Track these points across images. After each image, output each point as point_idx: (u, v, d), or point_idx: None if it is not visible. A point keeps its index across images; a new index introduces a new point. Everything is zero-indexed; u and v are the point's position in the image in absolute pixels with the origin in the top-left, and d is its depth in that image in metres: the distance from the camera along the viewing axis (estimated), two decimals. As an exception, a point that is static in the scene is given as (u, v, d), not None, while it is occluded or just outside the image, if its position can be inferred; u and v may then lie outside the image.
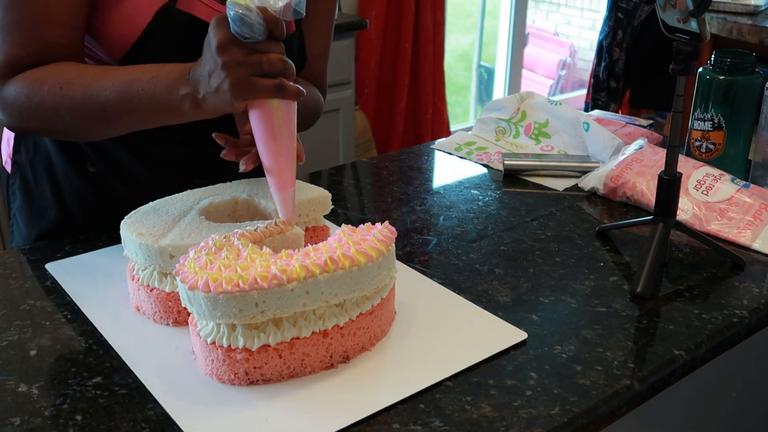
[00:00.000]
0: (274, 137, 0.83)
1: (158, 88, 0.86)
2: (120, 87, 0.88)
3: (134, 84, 0.88)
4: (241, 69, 0.80)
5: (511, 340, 0.83)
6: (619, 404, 0.76)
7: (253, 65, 0.80)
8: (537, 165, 1.31)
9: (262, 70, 0.80)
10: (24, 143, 1.13)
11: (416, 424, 0.71)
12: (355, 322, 0.79)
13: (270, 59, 0.80)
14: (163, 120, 0.90)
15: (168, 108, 0.87)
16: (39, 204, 1.13)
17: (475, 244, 1.07)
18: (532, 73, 4.87)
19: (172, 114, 0.88)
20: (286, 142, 0.84)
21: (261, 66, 0.80)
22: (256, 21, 0.78)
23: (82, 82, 0.90)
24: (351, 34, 2.73)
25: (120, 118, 0.90)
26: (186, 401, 0.73)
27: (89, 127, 0.94)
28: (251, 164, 0.90)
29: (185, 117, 0.88)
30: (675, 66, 0.93)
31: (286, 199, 0.86)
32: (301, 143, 0.93)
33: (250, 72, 0.80)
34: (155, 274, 0.86)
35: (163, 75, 0.87)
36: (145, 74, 0.88)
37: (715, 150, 1.24)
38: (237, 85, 0.80)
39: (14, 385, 0.76)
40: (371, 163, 1.41)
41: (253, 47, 0.80)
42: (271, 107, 0.82)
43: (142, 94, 0.87)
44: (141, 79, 0.88)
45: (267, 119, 0.83)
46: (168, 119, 0.89)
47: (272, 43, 0.81)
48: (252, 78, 0.80)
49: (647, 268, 0.94)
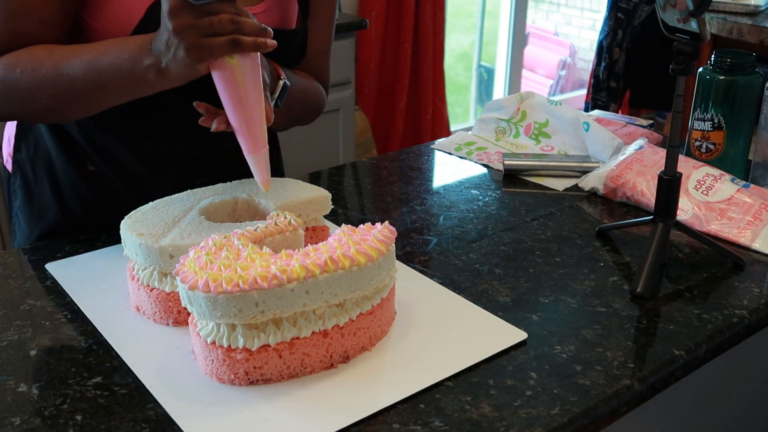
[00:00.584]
0: (239, 98, 0.83)
1: (123, 60, 0.87)
2: (87, 63, 0.89)
3: (100, 59, 0.89)
4: (193, 31, 0.80)
5: (511, 340, 0.83)
6: (619, 404, 0.76)
7: (204, 27, 0.80)
8: (537, 165, 1.31)
9: (214, 31, 0.80)
10: (25, 142, 1.13)
11: (416, 424, 0.71)
12: (355, 322, 0.79)
13: (221, 19, 0.80)
14: (133, 92, 0.91)
15: (135, 79, 0.88)
16: (39, 203, 1.13)
17: (475, 244, 1.07)
18: (532, 73, 4.87)
19: (140, 85, 0.89)
20: (253, 102, 0.84)
21: (213, 27, 0.80)
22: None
23: (52, 61, 0.91)
24: (351, 34, 2.73)
25: (92, 94, 0.91)
26: (186, 401, 0.73)
27: (65, 106, 0.95)
28: (223, 125, 0.89)
29: (153, 87, 0.88)
30: (675, 66, 0.93)
31: (258, 161, 0.86)
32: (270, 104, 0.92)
33: (202, 33, 0.80)
34: (155, 274, 0.86)
35: (126, 47, 0.88)
36: (110, 48, 0.89)
37: (715, 150, 1.24)
38: (191, 48, 0.81)
39: (14, 385, 0.76)
40: (371, 163, 1.41)
41: (204, 9, 0.80)
42: (233, 67, 0.82)
43: (109, 68, 0.88)
44: (107, 53, 0.89)
45: (230, 80, 0.82)
46: (138, 91, 0.90)
47: (224, 4, 0.81)
48: (205, 39, 0.80)
49: (647, 268, 0.94)
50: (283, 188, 0.98)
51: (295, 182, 1.01)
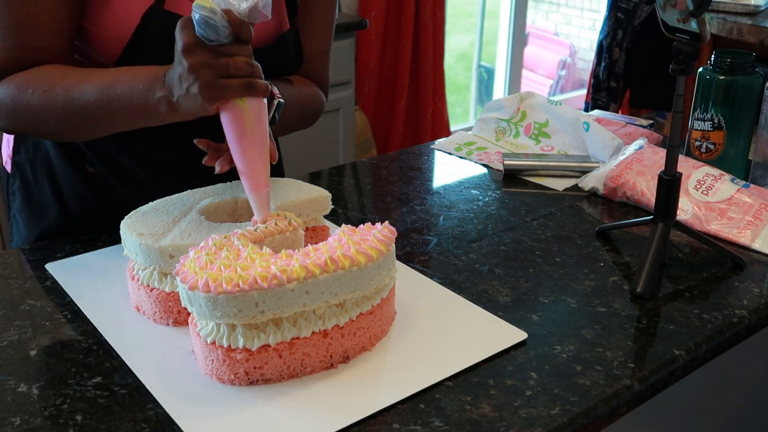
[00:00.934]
0: (246, 138, 0.83)
1: (135, 90, 0.87)
2: (100, 90, 0.90)
3: (113, 87, 0.89)
4: (209, 71, 0.80)
5: (511, 340, 0.83)
6: (619, 404, 0.76)
7: (220, 67, 0.80)
8: (537, 165, 1.31)
9: (229, 72, 0.80)
10: (24, 144, 1.13)
11: (416, 424, 0.71)
12: (355, 322, 0.79)
13: (236, 62, 0.80)
14: (142, 122, 0.91)
15: (145, 110, 0.88)
16: (39, 204, 1.13)
17: (475, 244, 1.07)
18: (532, 73, 4.87)
19: (150, 116, 0.89)
20: (259, 142, 0.84)
21: (228, 68, 0.80)
22: (220, 23, 0.78)
23: (64, 84, 0.91)
24: (351, 34, 2.73)
25: (101, 119, 0.92)
26: (186, 401, 0.73)
27: (74, 129, 0.95)
28: (227, 165, 0.90)
29: (163, 119, 0.89)
30: (675, 66, 0.93)
31: (260, 199, 0.86)
32: (275, 143, 0.93)
33: (217, 74, 0.80)
34: (155, 274, 0.86)
35: (140, 78, 0.88)
36: (123, 77, 0.89)
37: (715, 150, 1.24)
38: (206, 87, 0.80)
39: (14, 385, 0.76)
40: (371, 163, 1.41)
41: (220, 50, 0.80)
42: (242, 109, 0.82)
43: (121, 97, 0.88)
44: (119, 81, 0.89)
45: (238, 121, 0.83)
46: (147, 121, 0.90)
47: (239, 46, 0.81)
48: (220, 80, 0.80)
49: (647, 268, 0.94)
50: (283, 188, 0.98)
51: (295, 182, 1.01)
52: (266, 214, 0.87)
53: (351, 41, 2.73)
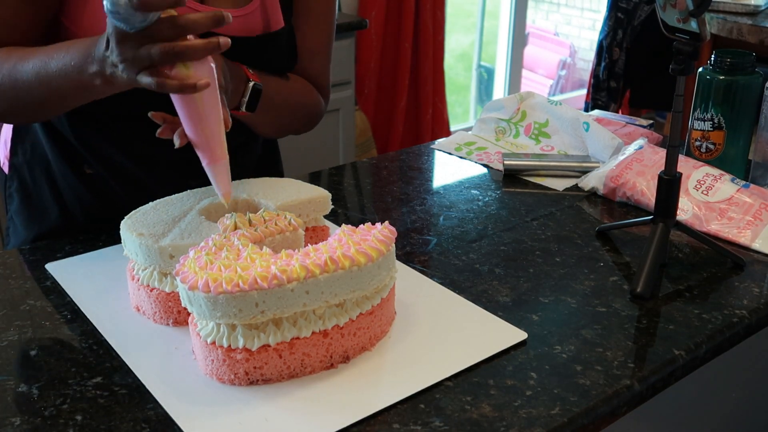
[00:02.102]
0: (194, 107, 0.80)
1: (69, 67, 0.86)
2: (38, 68, 0.89)
3: (48, 64, 0.88)
4: (130, 42, 0.77)
5: (511, 340, 0.83)
6: (619, 404, 0.76)
7: (140, 38, 0.77)
8: (537, 165, 1.31)
9: (153, 40, 0.77)
10: (21, 146, 1.13)
11: (416, 424, 0.71)
12: (355, 322, 0.79)
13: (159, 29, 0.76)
14: (85, 96, 0.89)
15: (83, 86, 0.86)
16: (39, 205, 1.13)
17: (475, 244, 1.07)
18: (532, 73, 4.87)
19: (90, 91, 0.87)
20: (210, 112, 0.81)
21: (152, 37, 0.76)
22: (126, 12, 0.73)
23: (7, 66, 0.91)
24: (351, 34, 2.73)
25: (47, 97, 0.90)
26: (186, 401, 0.73)
27: (24, 109, 0.94)
28: (185, 138, 0.86)
29: (102, 92, 0.87)
30: (675, 66, 0.93)
31: (218, 172, 0.83)
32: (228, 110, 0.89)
33: (140, 44, 0.77)
34: (155, 274, 0.86)
35: (71, 54, 0.86)
36: (57, 53, 0.87)
37: (715, 150, 1.24)
38: (128, 61, 0.78)
39: (14, 385, 0.76)
40: (371, 163, 1.41)
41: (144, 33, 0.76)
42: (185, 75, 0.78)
43: (57, 75, 0.87)
44: (54, 58, 0.87)
45: None
46: (89, 96, 0.89)
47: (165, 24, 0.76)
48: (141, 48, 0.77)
49: (647, 268, 0.94)
50: (283, 188, 0.98)
51: (295, 182, 1.01)
52: (227, 187, 0.84)
53: (351, 41, 2.73)
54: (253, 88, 0.99)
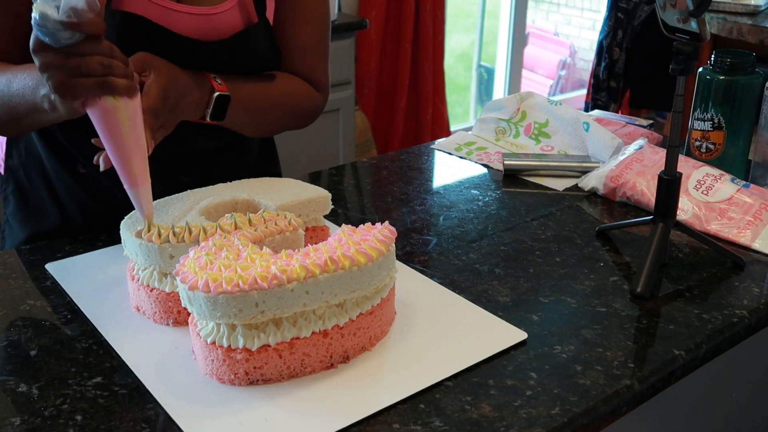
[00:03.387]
0: (118, 134, 0.81)
1: (27, 88, 0.87)
2: (2, 87, 0.89)
3: (12, 83, 0.89)
4: (59, 71, 0.78)
5: (511, 340, 0.83)
6: (619, 404, 0.76)
7: (70, 68, 0.77)
8: (537, 165, 1.31)
9: (80, 72, 0.78)
10: (16, 148, 1.13)
11: (416, 424, 0.71)
12: (355, 322, 0.79)
13: (87, 62, 0.77)
14: (38, 119, 0.90)
15: (36, 108, 0.87)
16: (36, 207, 1.13)
17: (475, 244, 1.07)
18: (532, 73, 4.87)
19: (42, 114, 0.88)
20: (133, 139, 0.82)
21: (79, 68, 0.77)
22: (54, 29, 0.74)
23: None
24: (351, 34, 2.73)
25: (10, 117, 0.91)
26: (186, 401, 0.73)
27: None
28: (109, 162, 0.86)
29: (53, 117, 0.87)
30: (675, 66, 0.93)
31: (139, 195, 0.84)
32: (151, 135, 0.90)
33: (68, 74, 0.78)
34: (155, 274, 0.86)
35: (32, 75, 0.86)
36: (22, 73, 0.88)
37: (715, 150, 1.24)
38: (59, 87, 0.79)
39: (14, 385, 0.76)
40: (371, 163, 1.41)
41: (70, 50, 0.77)
42: (107, 106, 0.79)
43: (17, 95, 0.88)
44: (18, 77, 0.88)
45: (105, 118, 0.80)
46: (41, 119, 0.89)
47: (90, 43, 0.77)
48: (72, 79, 0.78)
49: (647, 268, 0.94)
50: (283, 188, 0.98)
51: (295, 182, 1.01)
52: (148, 209, 0.84)
53: (351, 41, 2.73)
54: (218, 98, 0.99)
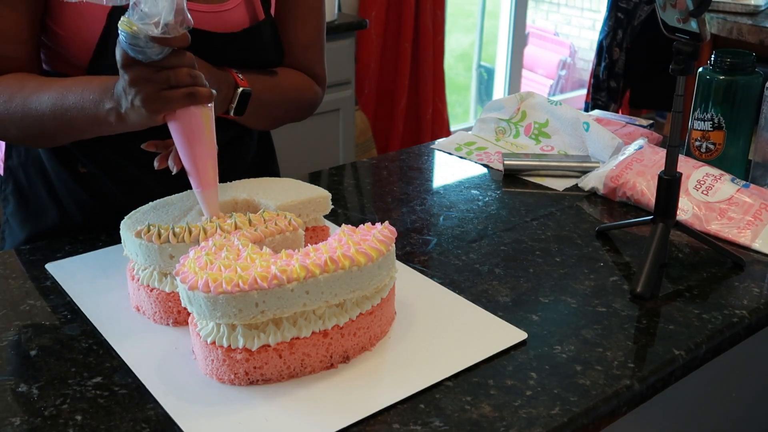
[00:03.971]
0: (194, 142, 0.84)
1: (87, 101, 0.89)
2: (54, 100, 0.91)
3: (66, 97, 0.91)
4: (150, 85, 0.81)
5: (511, 340, 0.83)
6: (619, 404, 0.76)
7: (161, 81, 0.81)
8: (537, 165, 1.31)
9: (170, 84, 0.81)
10: (15, 148, 1.14)
11: (416, 424, 0.71)
12: (355, 322, 0.79)
13: (177, 74, 0.81)
14: (96, 131, 0.92)
15: (96, 120, 0.89)
16: (36, 207, 1.13)
17: (475, 244, 1.07)
18: (532, 73, 4.87)
19: (102, 126, 0.90)
20: (208, 144, 0.85)
21: (169, 81, 0.81)
22: (145, 46, 0.78)
23: (22, 95, 0.93)
24: (351, 34, 2.72)
25: (58, 130, 0.94)
26: (186, 401, 0.73)
27: (34, 137, 0.98)
28: (180, 164, 0.89)
29: (115, 129, 0.90)
30: (675, 66, 0.93)
31: (210, 197, 0.87)
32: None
33: (159, 87, 0.81)
34: (155, 274, 0.86)
35: (91, 88, 0.89)
36: (76, 87, 0.91)
37: (715, 150, 1.24)
38: (149, 101, 0.82)
39: (14, 385, 0.76)
40: (371, 163, 1.41)
41: (158, 64, 0.80)
42: (191, 114, 0.83)
43: (74, 108, 0.90)
44: (72, 92, 0.90)
45: (189, 125, 0.84)
46: (99, 131, 0.92)
47: (177, 56, 0.81)
48: (162, 92, 0.81)
49: (647, 268, 0.94)
50: (283, 188, 0.98)
51: (295, 182, 1.01)
52: (213, 211, 0.88)
53: (351, 41, 2.73)
54: (242, 93, 1.02)
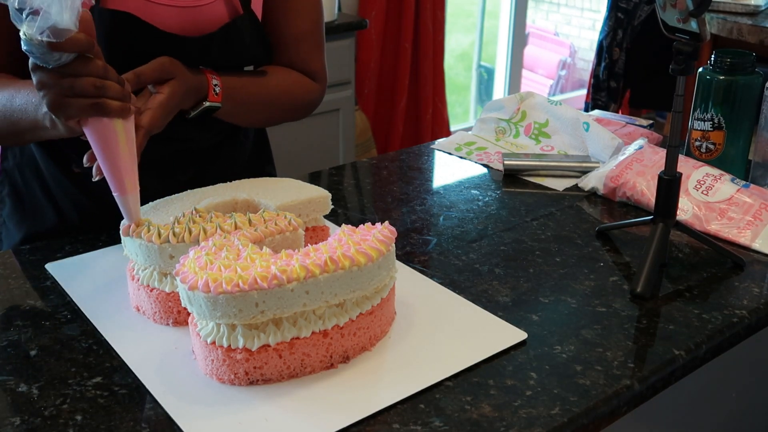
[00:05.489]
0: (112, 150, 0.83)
1: (29, 104, 0.88)
2: (4, 101, 0.91)
3: (14, 99, 0.90)
4: (52, 91, 0.79)
5: (511, 340, 0.83)
6: (619, 404, 0.76)
7: (64, 88, 0.79)
8: (537, 165, 1.31)
9: (73, 92, 0.79)
10: (11, 150, 1.14)
11: (416, 424, 0.71)
12: (355, 322, 0.79)
13: (80, 83, 0.78)
14: (39, 135, 0.91)
15: (36, 124, 0.88)
16: (32, 208, 1.13)
17: (475, 244, 1.07)
18: (532, 73, 4.87)
19: (41, 131, 0.89)
20: (126, 152, 0.84)
21: (72, 88, 0.79)
22: (39, 51, 0.76)
23: None
24: (351, 34, 2.72)
25: (7, 130, 0.93)
26: (186, 401, 0.73)
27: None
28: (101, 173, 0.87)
29: (53, 134, 0.88)
30: (675, 66, 0.93)
31: (128, 202, 0.85)
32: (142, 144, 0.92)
33: (61, 93, 0.79)
34: (155, 274, 0.86)
35: (32, 91, 0.88)
36: (24, 89, 0.90)
37: (715, 150, 1.24)
38: (53, 106, 0.80)
39: (14, 385, 0.76)
40: (371, 163, 1.41)
41: (63, 70, 0.78)
42: (102, 125, 0.81)
43: (19, 110, 0.89)
44: (21, 93, 0.90)
45: (100, 136, 0.82)
46: (41, 135, 0.91)
47: (81, 63, 0.78)
48: (65, 99, 0.79)
49: (647, 268, 0.94)
50: (283, 188, 0.98)
51: (295, 182, 1.01)
52: (134, 217, 0.86)
53: (351, 41, 2.73)
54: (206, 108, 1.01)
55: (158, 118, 0.92)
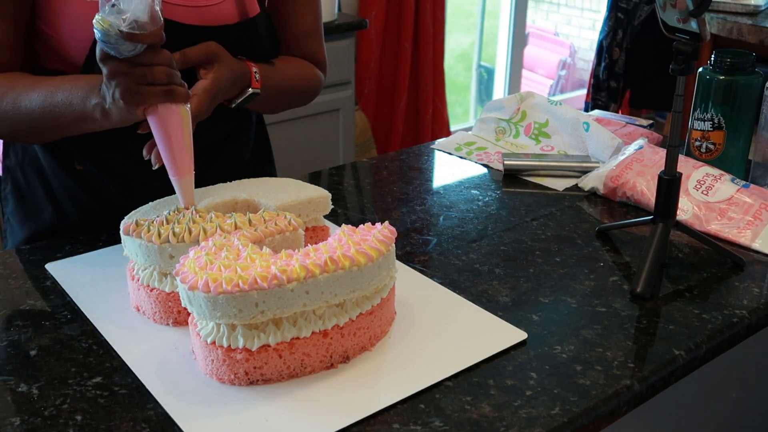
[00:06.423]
0: (175, 135, 0.87)
1: (75, 98, 0.91)
2: (44, 98, 0.94)
3: (56, 94, 0.93)
4: (126, 79, 0.83)
5: (511, 340, 0.83)
6: (619, 404, 0.76)
7: (137, 76, 0.83)
8: (537, 165, 1.31)
9: (146, 80, 0.83)
10: (12, 148, 1.14)
11: (416, 424, 0.71)
12: (355, 322, 0.79)
13: (153, 71, 0.83)
14: (84, 128, 0.95)
15: (84, 117, 0.92)
16: (33, 206, 1.13)
17: (475, 244, 1.07)
18: (532, 73, 4.87)
19: (89, 122, 0.92)
20: (187, 136, 0.88)
21: (145, 77, 0.83)
22: (116, 42, 0.79)
23: (12, 94, 0.96)
24: (351, 34, 2.72)
25: (47, 126, 0.96)
26: (186, 401, 0.73)
27: (24, 135, 1.01)
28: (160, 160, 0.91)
29: (101, 125, 0.92)
30: (675, 66, 0.93)
31: (184, 185, 0.90)
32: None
33: (136, 81, 0.83)
34: (155, 274, 0.86)
35: (79, 85, 0.92)
36: (64, 84, 0.93)
37: (715, 150, 1.24)
38: (126, 93, 0.84)
39: (14, 385, 0.76)
40: (371, 163, 1.41)
41: (135, 60, 0.82)
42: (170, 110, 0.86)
43: (62, 104, 0.92)
44: (62, 89, 0.93)
45: (167, 121, 0.86)
46: (88, 127, 0.94)
47: (153, 53, 0.83)
48: (138, 86, 0.83)
49: (647, 268, 0.94)
50: (283, 188, 0.98)
51: (295, 182, 1.01)
52: (189, 200, 0.90)
53: (351, 41, 2.73)
54: (250, 94, 1.05)
55: (204, 104, 0.96)
